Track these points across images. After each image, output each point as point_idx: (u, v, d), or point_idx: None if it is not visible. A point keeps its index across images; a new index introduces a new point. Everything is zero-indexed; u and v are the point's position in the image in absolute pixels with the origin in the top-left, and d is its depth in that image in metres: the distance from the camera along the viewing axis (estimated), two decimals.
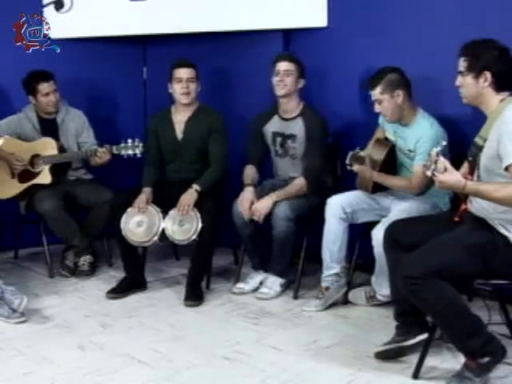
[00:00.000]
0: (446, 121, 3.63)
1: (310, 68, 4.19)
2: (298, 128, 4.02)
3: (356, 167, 3.63)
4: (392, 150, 3.67)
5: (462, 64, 2.84)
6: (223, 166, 4.16)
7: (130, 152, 4.08)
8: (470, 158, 2.86)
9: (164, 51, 4.80)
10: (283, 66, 3.97)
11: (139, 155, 4.09)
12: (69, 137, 4.45)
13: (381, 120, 3.78)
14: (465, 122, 3.55)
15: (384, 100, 3.53)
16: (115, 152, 4.11)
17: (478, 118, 2.96)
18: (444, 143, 2.73)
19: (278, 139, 4.11)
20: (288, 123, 4.06)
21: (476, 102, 2.86)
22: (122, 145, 4.10)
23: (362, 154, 3.66)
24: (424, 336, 3.02)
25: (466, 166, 2.93)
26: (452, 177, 2.67)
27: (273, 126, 4.12)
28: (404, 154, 3.62)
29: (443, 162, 2.66)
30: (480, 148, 2.79)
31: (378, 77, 3.54)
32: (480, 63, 2.78)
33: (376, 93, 3.53)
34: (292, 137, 4.04)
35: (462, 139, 3.40)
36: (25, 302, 3.57)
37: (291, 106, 4.04)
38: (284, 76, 3.96)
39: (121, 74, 4.97)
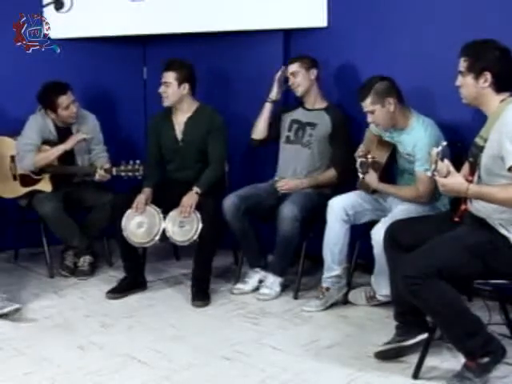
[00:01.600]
0: (446, 121, 3.63)
1: None
2: (321, 119, 4.08)
3: (363, 176, 3.62)
4: (393, 151, 3.67)
5: (463, 64, 2.83)
6: (222, 165, 4.17)
7: (130, 174, 4.03)
8: (470, 159, 2.86)
9: (164, 51, 4.78)
10: (289, 69, 4.09)
11: (140, 177, 4.04)
12: (82, 146, 4.42)
13: (373, 128, 3.78)
14: (465, 124, 3.55)
15: (376, 110, 3.52)
16: (115, 174, 4.07)
17: (478, 119, 2.96)
18: (444, 143, 2.72)
19: (295, 126, 4.16)
20: (310, 113, 4.13)
21: (476, 102, 2.85)
22: (123, 167, 4.04)
23: (368, 158, 3.64)
24: (424, 336, 3.02)
25: (466, 167, 2.93)
26: (455, 180, 2.67)
27: (294, 115, 4.20)
28: (404, 158, 3.62)
29: (447, 165, 2.66)
30: (481, 148, 2.78)
31: (366, 87, 3.54)
32: (480, 64, 2.77)
33: (367, 104, 3.53)
34: (312, 124, 4.09)
35: (461, 141, 3.39)
36: (13, 307, 3.56)
37: (314, 97, 4.14)
38: (292, 78, 4.08)
39: (121, 74, 4.96)
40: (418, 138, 3.49)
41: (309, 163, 4.11)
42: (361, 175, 3.64)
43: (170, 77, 4.06)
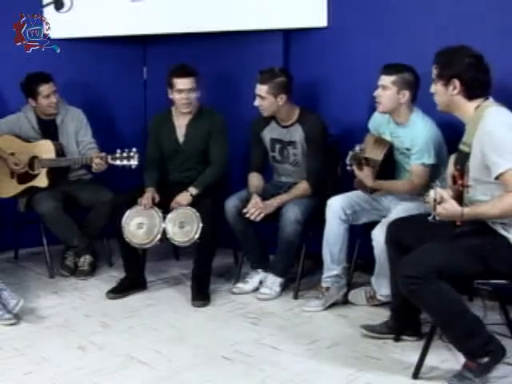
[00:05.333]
0: (446, 122, 3.62)
1: (310, 68, 4.19)
2: (297, 135, 3.99)
3: (357, 173, 3.62)
4: (391, 149, 3.67)
5: (434, 71, 2.86)
6: (223, 167, 4.16)
7: (125, 162, 4.02)
8: (457, 166, 2.86)
9: (164, 51, 4.80)
10: (257, 89, 3.93)
11: (134, 166, 4.03)
12: (68, 137, 4.45)
13: (372, 124, 3.78)
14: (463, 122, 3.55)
15: (389, 90, 3.52)
16: (110, 162, 4.07)
17: None
18: (437, 182, 2.74)
19: (277, 146, 4.10)
20: (287, 130, 4.03)
21: (448, 109, 2.88)
22: (118, 155, 4.03)
23: (358, 151, 3.65)
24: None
25: (453, 168, 2.93)
26: (449, 207, 2.68)
27: (271, 132, 4.10)
28: (402, 153, 3.63)
29: (440, 192, 2.66)
30: (466, 155, 2.79)
31: (396, 68, 3.52)
32: (449, 71, 2.80)
33: (387, 80, 3.52)
34: (292, 143, 4.03)
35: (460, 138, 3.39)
36: (21, 304, 3.56)
37: (285, 115, 4.01)
38: (260, 100, 3.93)
39: (121, 74, 4.97)
40: (418, 132, 3.51)
41: (302, 174, 4.06)
42: (348, 168, 3.62)
43: (193, 82, 4.02)
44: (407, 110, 3.58)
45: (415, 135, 3.51)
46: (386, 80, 3.53)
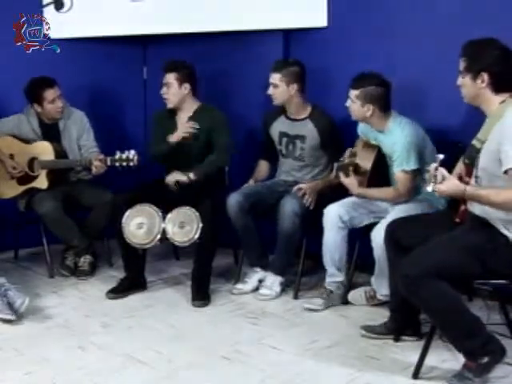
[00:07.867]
0: (446, 122, 3.63)
1: (310, 68, 4.19)
2: (307, 129, 4.03)
3: (343, 180, 3.64)
4: (380, 154, 3.68)
5: (462, 64, 2.84)
6: (227, 153, 4.16)
7: (125, 164, 4.03)
8: (466, 161, 2.86)
9: (164, 51, 4.79)
10: (271, 78, 4.00)
11: (133, 168, 4.04)
12: (71, 142, 4.44)
13: (360, 129, 3.80)
14: (466, 124, 3.55)
15: (355, 104, 3.56)
16: (109, 164, 4.08)
17: (479, 119, 2.95)
18: (441, 156, 2.71)
19: (284, 139, 4.13)
20: (296, 124, 4.07)
21: (475, 102, 2.86)
22: (117, 157, 4.04)
23: (347, 161, 3.68)
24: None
25: (461, 167, 2.93)
26: (451, 184, 2.67)
27: (279, 126, 4.14)
28: (388, 158, 3.64)
29: (441, 171, 2.66)
30: (477, 150, 2.78)
31: (362, 83, 3.55)
32: (478, 64, 2.77)
33: (353, 94, 3.57)
34: (300, 137, 4.05)
35: (462, 141, 3.39)
36: (26, 303, 3.57)
37: (296, 109, 4.06)
38: (272, 88, 4.00)
39: (121, 74, 4.97)
40: (396, 139, 3.52)
41: (304, 173, 4.10)
42: (335, 178, 3.66)
43: (170, 78, 4.09)
44: (378, 119, 3.58)
45: (393, 142, 3.52)
46: (352, 94, 3.57)
